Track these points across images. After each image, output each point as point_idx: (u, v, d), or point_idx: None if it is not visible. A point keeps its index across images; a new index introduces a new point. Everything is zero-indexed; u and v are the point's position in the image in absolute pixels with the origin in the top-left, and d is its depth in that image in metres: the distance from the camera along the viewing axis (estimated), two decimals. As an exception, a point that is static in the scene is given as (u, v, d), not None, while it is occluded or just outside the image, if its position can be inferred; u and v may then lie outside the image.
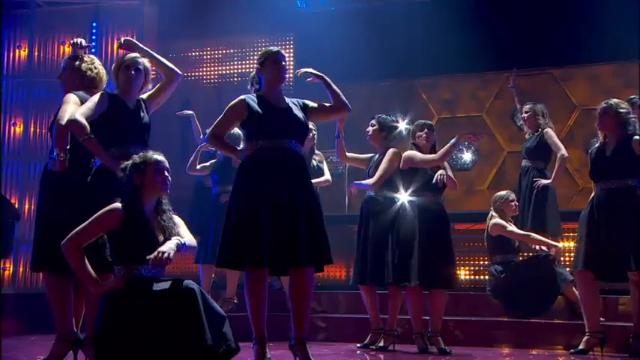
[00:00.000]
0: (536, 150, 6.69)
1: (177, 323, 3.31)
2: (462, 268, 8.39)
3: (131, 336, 3.33)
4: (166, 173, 3.74)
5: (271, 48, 4.35)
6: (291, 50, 10.07)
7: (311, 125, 6.52)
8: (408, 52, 9.92)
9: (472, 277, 8.23)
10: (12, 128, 8.59)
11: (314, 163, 6.56)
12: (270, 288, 6.78)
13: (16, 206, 8.32)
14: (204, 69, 9.92)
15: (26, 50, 8.62)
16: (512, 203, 6.47)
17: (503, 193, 6.60)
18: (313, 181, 6.29)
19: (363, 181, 5.64)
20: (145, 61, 4.38)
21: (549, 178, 6.61)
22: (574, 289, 5.81)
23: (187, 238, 3.76)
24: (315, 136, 6.60)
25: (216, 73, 10.00)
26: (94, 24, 8.35)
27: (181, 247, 3.67)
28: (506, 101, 9.83)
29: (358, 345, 5.63)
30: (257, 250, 3.94)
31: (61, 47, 8.23)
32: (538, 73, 9.96)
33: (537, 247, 6.40)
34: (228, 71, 10.05)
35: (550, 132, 6.60)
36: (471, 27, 9.80)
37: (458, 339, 6.11)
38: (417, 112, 10.45)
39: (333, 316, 6.83)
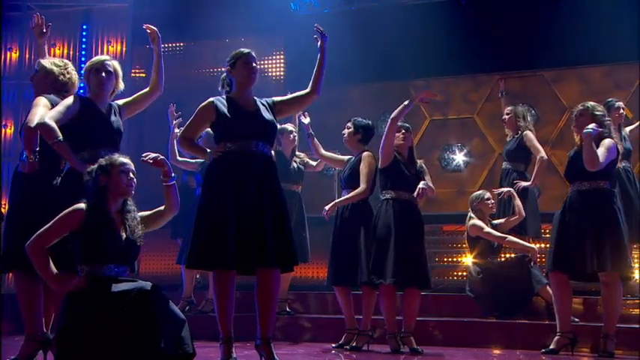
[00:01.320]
0: (515, 152, 6.74)
1: (133, 325, 3.36)
2: (450, 269, 8.45)
3: (90, 336, 3.38)
4: (132, 175, 3.81)
5: (242, 49, 4.40)
6: (282, 52, 10.12)
7: (292, 127, 6.60)
8: (401, 54, 9.93)
9: (460, 278, 8.25)
10: (2, 130, 8.67)
11: (294, 165, 6.60)
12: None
13: (6, 207, 8.37)
14: (195, 71, 9.96)
15: (17, 52, 8.67)
16: (489, 202, 6.53)
17: (478, 192, 6.67)
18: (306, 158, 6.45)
19: (350, 195, 5.60)
20: (115, 63, 4.45)
21: (529, 180, 6.64)
22: (549, 289, 5.86)
23: None
24: (296, 138, 6.64)
25: (207, 74, 10.03)
26: (85, 26, 8.39)
27: (171, 175, 3.92)
28: (498, 103, 9.77)
29: (334, 345, 5.68)
30: (222, 252, 4.00)
31: (52, 49, 8.27)
32: (529, 75, 10.02)
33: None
34: (220, 73, 10.07)
35: (529, 135, 6.64)
36: (462, 29, 9.85)
37: (437, 339, 6.16)
38: (409, 113, 10.47)
39: (320, 317, 6.87)
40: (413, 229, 5.40)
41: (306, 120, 6.23)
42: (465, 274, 8.06)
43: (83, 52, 8.24)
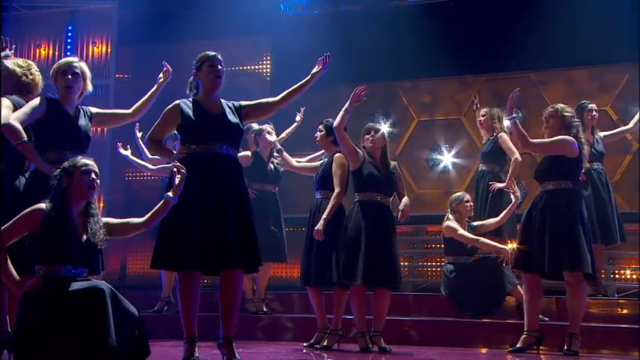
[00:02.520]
0: (490, 154, 6.78)
1: (84, 324, 3.41)
2: (434, 269, 8.51)
3: (46, 336, 3.43)
4: (94, 176, 3.85)
5: (207, 52, 4.45)
6: (269, 53, 10.16)
7: (269, 128, 6.67)
8: (388, 55, 9.97)
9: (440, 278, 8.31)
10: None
11: (271, 166, 6.64)
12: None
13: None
14: (182, 72, 9.93)
15: (2, 53, 8.67)
16: (467, 204, 6.60)
17: (458, 194, 6.74)
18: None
19: (330, 205, 5.53)
20: (83, 65, 4.49)
21: (504, 182, 6.69)
22: (520, 289, 5.93)
23: None
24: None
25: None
26: (70, 27, 8.40)
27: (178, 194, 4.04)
28: (485, 104, 9.91)
29: (305, 344, 5.74)
30: (183, 253, 4.05)
31: (38, 50, 8.32)
32: (515, 77, 10.05)
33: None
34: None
35: (504, 136, 6.69)
36: (449, 31, 9.93)
37: (414, 339, 6.23)
38: (397, 115, 10.64)
39: (302, 317, 6.89)
40: (384, 230, 5.41)
41: (272, 138, 6.32)
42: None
43: (68, 54, 8.23)
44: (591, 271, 5.19)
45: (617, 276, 7.57)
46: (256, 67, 10.10)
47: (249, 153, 6.57)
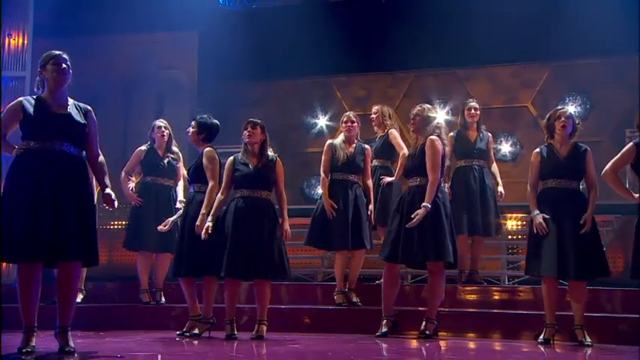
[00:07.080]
0: (382, 150, 6.88)
1: None
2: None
3: None
4: None
5: (53, 52, 4.50)
6: (196, 48, 10.25)
7: (163, 123, 6.79)
8: (324, 50, 10.08)
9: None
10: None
11: (165, 161, 6.71)
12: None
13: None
14: (114, 66, 9.94)
15: None
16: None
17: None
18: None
19: (205, 199, 5.56)
20: None
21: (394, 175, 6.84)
22: None
23: None
24: (167, 134, 6.77)
25: (130, 69, 10.08)
26: (-14, 19, 8.36)
27: None
28: (415, 100, 10.10)
29: (178, 332, 5.86)
30: (13, 246, 4.15)
31: (-46, 41, 8.26)
32: (442, 73, 10.31)
33: None
34: (143, 68, 10.18)
35: (394, 132, 6.82)
36: (381, 27, 10.11)
37: (310, 326, 6.35)
38: (332, 109, 10.81)
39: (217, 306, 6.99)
40: (259, 224, 5.48)
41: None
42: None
43: (-13, 45, 8.28)
44: (452, 260, 5.42)
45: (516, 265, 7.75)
46: (186, 61, 10.17)
47: (143, 147, 6.73)
